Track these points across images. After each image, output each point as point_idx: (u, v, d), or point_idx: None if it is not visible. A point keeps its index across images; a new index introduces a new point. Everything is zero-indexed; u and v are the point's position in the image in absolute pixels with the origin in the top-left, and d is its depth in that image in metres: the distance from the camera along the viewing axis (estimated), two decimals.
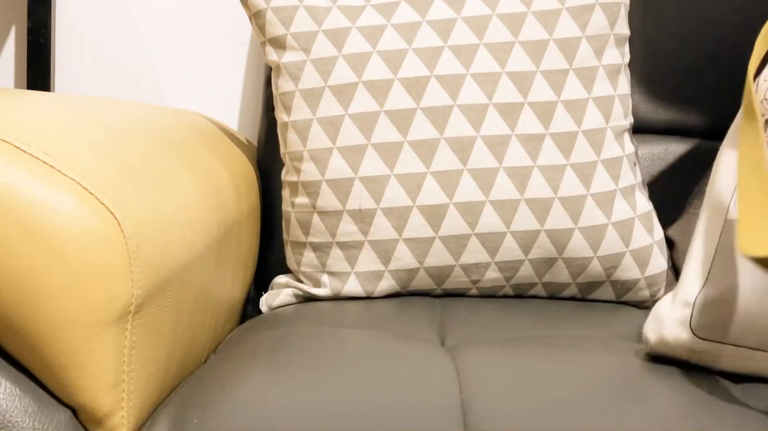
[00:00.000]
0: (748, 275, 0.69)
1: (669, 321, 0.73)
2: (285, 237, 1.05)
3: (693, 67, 1.18)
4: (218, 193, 0.93)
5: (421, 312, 0.95)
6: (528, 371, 0.74)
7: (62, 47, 1.35)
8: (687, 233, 1.03)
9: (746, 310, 0.68)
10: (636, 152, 1.06)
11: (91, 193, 0.67)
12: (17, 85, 1.37)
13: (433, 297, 1.03)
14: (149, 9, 1.35)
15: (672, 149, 1.17)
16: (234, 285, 0.99)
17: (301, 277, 1.03)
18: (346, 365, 0.75)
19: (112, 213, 0.68)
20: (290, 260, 1.04)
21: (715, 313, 0.70)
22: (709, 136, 1.18)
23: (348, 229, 1.00)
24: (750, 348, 0.70)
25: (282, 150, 1.04)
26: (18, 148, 0.66)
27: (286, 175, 1.04)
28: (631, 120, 1.06)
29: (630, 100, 1.07)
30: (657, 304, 0.76)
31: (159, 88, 1.36)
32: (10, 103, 0.76)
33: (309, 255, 1.02)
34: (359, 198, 0.99)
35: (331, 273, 1.01)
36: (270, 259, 1.15)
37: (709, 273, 0.71)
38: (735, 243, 0.70)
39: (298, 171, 1.02)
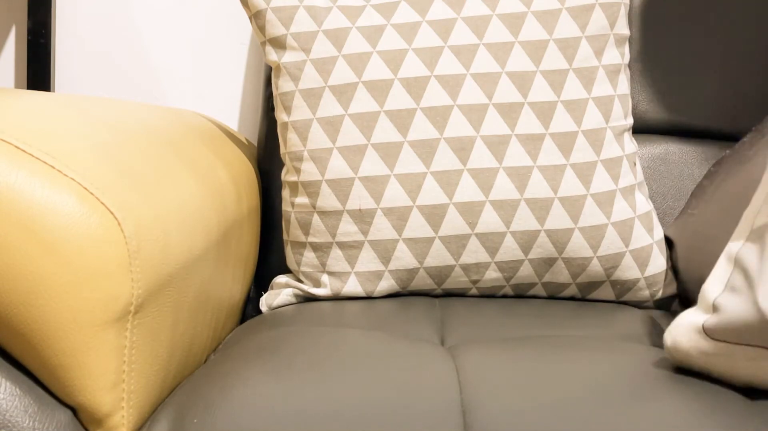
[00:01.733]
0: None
1: (684, 323, 0.73)
2: (285, 237, 1.05)
3: (693, 67, 1.18)
4: (218, 193, 0.93)
5: (421, 312, 0.95)
6: (528, 371, 0.74)
7: (62, 47, 1.35)
8: (686, 233, 1.03)
9: (761, 312, 0.67)
10: (636, 152, 1.06)
11: (92, 193, 0.67)
12: (17, 85, 1.37)
13: (433, 298, 1.03)
14: (149, 9, 1.35)
15: (672, 149, 1.17)
16: (234, 285, 0.99)
17: (301, 277, 1.03)
18: (346, 365, 0.75)
19: (112, 213, 0.68)
20: (290, 260, 1.04)
21: (729, 315, 0.69)
22: (709, 136, 1.18)
23: (348, 229, 1.00)
24: (764, 347, 0.68)
25: (282, 150, 1.05)
26: (18, 148, 0.66)
27: (286, 175, 1.04)
28: (631, 120, 1.06)
29: (630, 100, 1.07)
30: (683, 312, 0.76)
31: (159, 88, 1.36)
32: (10, 103, 0.76)
33: (309, 255, 1.02)
34: (359, 198, 0.99)
35: (331, 273, 1.01)
36: (270, 259, 1.15)
37: (729, 277, 0.71)
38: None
39: (298, 171, 1.02)
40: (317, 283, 1.02)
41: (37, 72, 1.31)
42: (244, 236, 1.03)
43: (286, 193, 1.05)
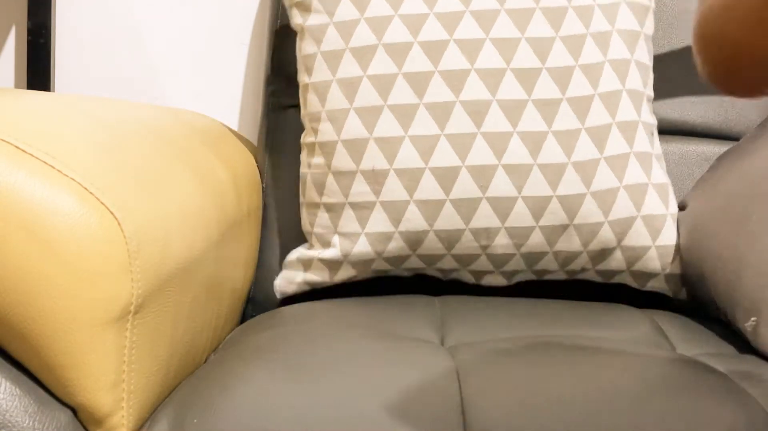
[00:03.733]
0: None
1: None
2: (301, 199, 1.06)
3: (693, 67, 1.18)
4: (218, 193, 0.93)
5: (421, 312, 0.95)
6: (528, 371, 0.74)
7: (62, 47, 1.35)
8: (686, 228, 1.03)
9: None
10: (654, 125, 1.06)
11: (92, 193, 0.67)
12: (17, 85, 1.37)
13: (432, 297, 1.03)
14: (149, 9, 1.35)
15: (672, 149, 1.17)
16: (234, 285, 0.99)
17: (313, 240, 1.04)
18: (346, 365, 0.75)
19: (112, 213, 0.68)
20: (305, 222, 1.05)
21: None
22: (709, 136, 1.18)
23: (360, 189, 1.00)
24: None
25: (302, 112, 1.06)
26: (18, 148, 0.66)
27: (305, 137, 1.06)
28: (651, 92, 1.06)
29: (651, 71, 1.07)
30: None
31: (159, 88, 1.36)
32: (10, 103, 0.76)
33: (323, 216, 1.03)
34: (373, 158, 1.00)
35: (342, 234, 1.02)
36: (270, 259, 1.15)
37: None
38: None
39: (315, 131, 1.03)
40: (327, 244, 1.02)
41: (37, 72, 1.31)
42: (244, 236, 1.03)
43: (303, 155, 1.06)
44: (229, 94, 1.36)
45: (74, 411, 0.68)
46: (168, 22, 1.35)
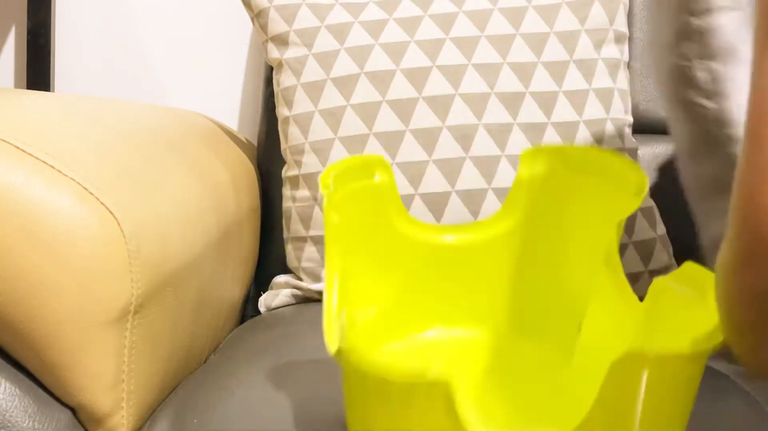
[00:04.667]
0: None
1: None
2: (285, 235, 1.05)
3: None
4: (218, 193, 0.93)
5: None
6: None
7: (62, 47, 1.35)
8: (685, 233, 1.03)
9: None
10: (636, 149, 1.06)
11: (91, 193, 0.67)
12: (17, 85, 1.37)
13: None
14: (149, 9, 1.35)
15: (672, 149, 1.17)
16: (234, 285, 0.99)
17: (302, 274, 1.03)
18: None
19: (112, 213, 0.68)
20: (290, 257, 1.04)
21: None
22: None
23: None
24: None
25: (283, 146, 1.05)
26: (18, 148, 0.66)
27: (287, 171, 1.05)
28: (630, 118, 1.06)
29: (629, 98, 1.07)
30: None
31: (159, 88, 1.36)
32: (10, 103, 0.76)
33: (310, 250, 1.02)
34: None
35: None
36: (270, 259, 1.15)
37: None
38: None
39: (299, 164, 1.02)
40: (317, 278, 1.02)
41: (37, 72, 1.31)
42: (243, 236, 1.03)
43: (286, 190, 1.05)
44: (229, 94, 1.36)
45: (74, 411, 0.68)
46: (168, 22, 1.35)
